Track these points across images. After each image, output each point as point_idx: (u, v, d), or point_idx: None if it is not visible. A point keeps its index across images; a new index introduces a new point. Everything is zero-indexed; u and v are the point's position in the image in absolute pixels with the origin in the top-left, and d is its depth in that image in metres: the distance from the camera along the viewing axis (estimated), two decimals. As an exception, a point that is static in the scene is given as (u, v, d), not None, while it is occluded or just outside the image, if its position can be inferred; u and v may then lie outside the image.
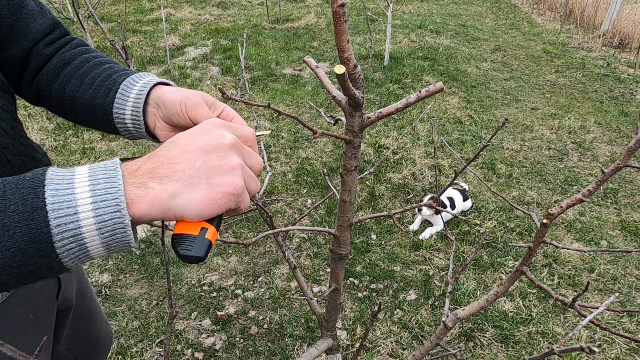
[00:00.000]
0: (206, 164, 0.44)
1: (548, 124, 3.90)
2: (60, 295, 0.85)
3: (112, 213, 0.40)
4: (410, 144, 3.47)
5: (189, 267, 2.34)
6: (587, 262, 2.42)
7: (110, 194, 0.40)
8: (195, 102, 0.59)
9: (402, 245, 2.51)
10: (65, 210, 0.39)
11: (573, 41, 6.16)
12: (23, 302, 0.73)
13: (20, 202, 0.38)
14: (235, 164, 0.46)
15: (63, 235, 0.38)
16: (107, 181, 0.41)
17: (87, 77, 0.67)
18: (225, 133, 0.48)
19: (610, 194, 3.00)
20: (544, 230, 0.85)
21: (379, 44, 5.59)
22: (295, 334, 1.98)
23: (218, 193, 0.44)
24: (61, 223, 0.38)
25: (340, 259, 0.86)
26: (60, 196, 0.39)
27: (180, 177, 0.43)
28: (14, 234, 0.37)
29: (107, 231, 0.40)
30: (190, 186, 0.44)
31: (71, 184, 0.40)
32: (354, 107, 0.70)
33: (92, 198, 0.40)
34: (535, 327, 2.04)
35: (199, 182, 0.44)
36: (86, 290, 1.02)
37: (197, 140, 0.46)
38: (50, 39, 0.71)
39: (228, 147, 0.47)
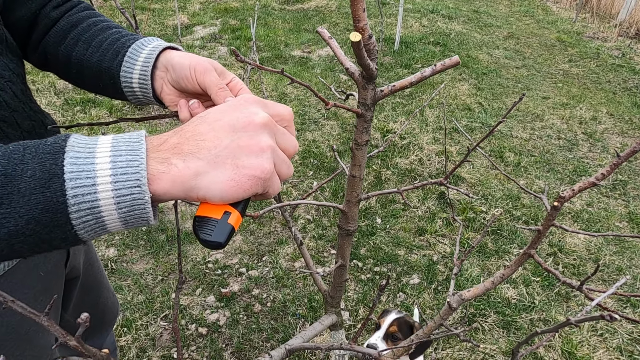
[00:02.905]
0: (233, 143, 0.41)
1: (559, 114, 3.84)
2: (69, 264, 0.86)
3: (132, 188, 0.38)
4: (418, 130, 3.44)
5: (195, 244, 2.35)
6: (593, 253, 2.41)
7: (131, 167, 0.38)
8: (204, 67, 0.59)
9: (406, 229, 2.51)
10: (83, 181, 0.37)
11: (588, 30, 6.03)
12: (33, 267, 0.73)
13: (38, 168, 0.36)
14: (265, 145, 0.42)
15: (79, 207, 0.37)
16: (130, 154, 0.39)
17: (94, 40, 0.66)
18: (258, 110, 0.44)
19: (619, 186, 2.97)
20: (554, 213, 0.84)
21: (389, 28, 5.50)
22: (298, 313, 2.00)
23: (244, 176, 0.41)
24: (78, 194, 0.37)
25: (347, 235, 0.86)
26: (79, 165, 0.37)
27: (205, 156, 0.41)
28: (29, 201, 0.36)
29: (125, 206, 0.38)
30: (215, 166, 0.41)
31: (92, 154, 0.38)
32: (367, 80, 0.69)
33: (112, 170, 0.38)
34: (538, 314, 2.04)
35: (225, 162, 0.41)
36: (93, 260, 1.03)
37: (227, 116, 0.43)
38: (58, 1, 0.70)
39: (259, 126, 0.43)
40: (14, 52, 0.67)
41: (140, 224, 0.41)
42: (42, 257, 0.76)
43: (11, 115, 0.65)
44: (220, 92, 0.58)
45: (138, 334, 1.88)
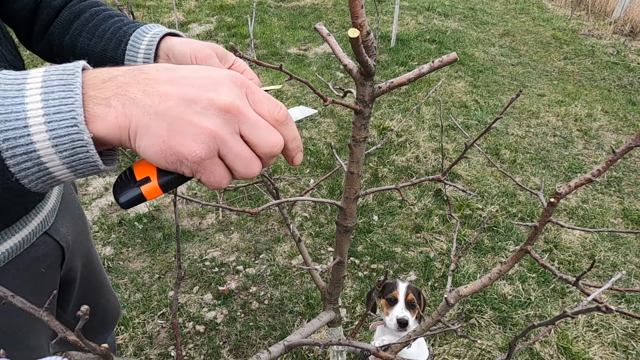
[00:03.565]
0: (179, 109, 0.37)
1: (554, 111, 3.86)
2: (65, 265, 0.84)
3: (68, 128, 0.35)
4: (414, 127, 3.45)
5: (192, 242, 2.35)
6: (588, 249, 2.43)
7: (65, 105, 0.35)
8: (206, 54, 0.58)
9: (403, 227, 2.52)
10: (13, 123, 0.34)
11: (583, 28, 6.06)
12: (24, 269, 0.72)
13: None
14: (209, 129, 0.37)
15: (14, 151, 0.34)
16: (63, 89, 0.35)
17: (97, 30, 0.66)
18: (229, 94, 0.38)
19: (613, 182, 2.99)
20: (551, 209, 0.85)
21: (385, 25, 5.50)
22: (295, 311, 2.00)
23: (170, 148, 0.37)
24: (10, 137, 0.34)
25: (345, 232, 0.86)
26: (7, 106, 0.34)
27: (146, 109, 0.37)
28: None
29: (65, 149, 0.35)
30: (149, 121, 0.37)
31: (21, 91, 0.35)
32: (365, 76, 0.69)
33: (45, 110, 0.34)
34: (534, 310, 2.06)
35: (160, 123, 0.37)
36: (94, 262, 1.02)
37: (192, 78, 0.38)
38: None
39: (217, 109, 0.37)
40: (11, 42, 0.67)
41: (89, 170, 0.38)
42: (35, 259, 0.74)
43: None
44: None
45: (135, 332, 1.88)
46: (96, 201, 2.58)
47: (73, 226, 0.86)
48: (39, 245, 0.74)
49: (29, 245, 0.72)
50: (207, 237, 2.39)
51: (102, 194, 2.64)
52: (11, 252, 0.69)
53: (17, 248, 0.70)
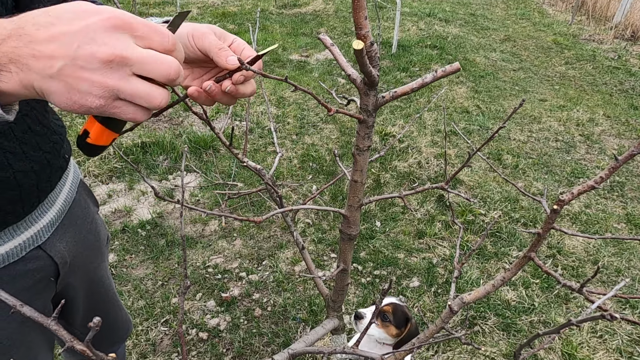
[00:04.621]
0: (67, 69, 0.39)
1: (556, 116, 3.87)
2: (60, 281, 0.83)
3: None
4: (416, 133, 3.46)
5: (195, 248, 2.35)
6: (591, 254, 2.42)
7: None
8: (202, 32, 0.58)
9: (406, 232, 2.52)
10: None
11: (584, 33, 6.08)
12: (9, 281, 0.71)
13: None
14: (98, 82, 0.39)
15: None
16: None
17: None
18: (108, 42, 0.39)
19: (616, 187, 2.99)
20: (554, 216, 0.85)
21: (387, 31, 5.53)
22: (298, 317, 2.00)
23: (75, 102, 0.40)
24: None
25: (349, 240, 0.86)
26: None
27: (39, 70, 0.39)
28: None
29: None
30: (48, 83, 0.39)
31: None
32: (369, 86, 0.70)
33: None
34: (538, 316, 2.05)
35: (57, 84, 0.39)
36: (103, 278, 1.01)
37: (70, 33, 0.39)
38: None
39: (99, 61, 0.39)
40: None
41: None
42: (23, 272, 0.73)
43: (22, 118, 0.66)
44: (221, 52, 0.57)
45: (138, 339, 1.88)
46: (99, 208, 2.59)
47: (77, 242, 0.86)
48: (30, 259, 0.74)
49: (18, 259, 0.72)
50: (210, 244, 2.39)
51: (106, 200, 2.65)
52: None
53: (2, 260, 0.69)
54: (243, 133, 3.37)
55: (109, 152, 2.96)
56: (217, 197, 2.66)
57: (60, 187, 0.81)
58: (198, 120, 3.49)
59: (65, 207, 0.83)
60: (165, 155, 3.05)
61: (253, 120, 3.52)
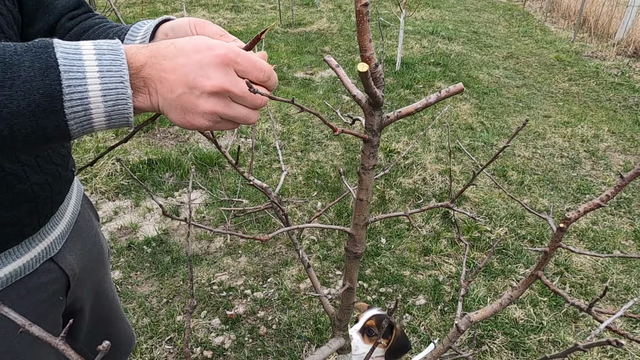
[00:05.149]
0: (184, 97, 0.48)
1: (560, 132, 3.87)
2: (70, 293, 0.83)
3: (117, 83, 0.43)
4: (421, 149, 3.47)
5: (200, 265, 2.35)
6: (600, 272, 2.40)
7: (115, 66, 0.43)
8: (204, 21, 0.62)
9: (411, 249, 2.51)
10: (75, 74, 0.41)
11: (587, 49, 6.12)
12: (25, 295, 0.71)
13: (35, 59, 0.40)
14: (207, 109, 0.49)
15: (72, 96, 0.41)
16: (112, 53, 0.43)
17: (101, 35, 0.70)
18: (217, 77, 0.49)
19: (623, 204, 2.97)
20: (561, 235, 0.85)
21: (390, 49, 5.60)
22: (303, 336, 1.98)
23: (188, 122, 0.50)
24: (72, 84, 0.41)
25: (355, 258, 0.86)
26: (70, 59, 0.41)
27: (165, 96, 0.48)
28: (30, 87, 0.40)
29: (111, 99, 0.44)
30: (169, 107, 0.49)
31: (78, 51, 0.43)
32: (373, 106, 0.71)
33: (99, 67, 0.42)
34: (546, 335, 2.02)
35: (176, 107, 0.49)
36: (107, 292, 1.01)
37: (188, 67, 0.48)
38: (73, 14, 0.74)
39: (208, 93, 0.49)
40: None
41: (121, 122, 0.47)
42: (37, 285, 0.74)
43: None
44: (223, 38, 0.61)
45: (143, 357, 1.86)
46: (106, 225, 2.60)
47: (84, 254, 0.86)
48: (43, 272, 0.74)
49: (32, 272, 0.72)
50: (215, 261, 2.39)
51: (112, 217, 2.66)
52: (10, 277, 0.69)
53: (18, 273, 0.70)
54: (248, 150, 3.39)
55: (116, 169, 2.99)
56: (222, 213, 2.67)
57: (68, 199, 0.82)
58: (204, 137, 3.52)
59: (73, 219, 0.84)
60: (172, 172, 3.08)
61: (258, 137, 3.55)
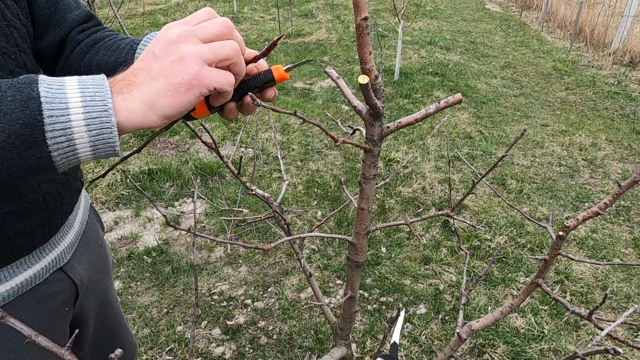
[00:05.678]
0: (159, 63, 0.47)
1: (558, 141, 3.89)
2: (78, 303, 0.84)
3: (100, 112, 0.43)
4: (420, 158, 3.48)
5: (200, 275, 2.35)
6: (600, 280, 2.40)
7: (98, 96, 0.44)
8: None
9: (412, 258, 2.51)
10: (57, 105, 0.42)
11: (583, 59, 6.18)
12: (34, 305, 0.72)
13: (17, 93, 0.41)
14: (183, 52, 0.47)
15: (54, 126, 0.42)
16: (96, 85, 0.44)
17: (113, 46, 0.71)
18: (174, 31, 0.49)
19: (622, 212, 2.98)
20: (560, 243, 0.86)
21: (389, 59, 5.65)
22: (304, 346, 1.98)
23: (176, 84, 0.47)
24: (53, 115, 0.41)
25: (357, 267, 0.87)
26: (52, 92, 0.42)
27: (143, 78, 0.47)
28: (10, 118, 0.40)
29: (94, 129, 0.43)
30: (150, 82, 0.47)
31: (62, 85, 0.44)
32: (374, 117, 0.72)
33: (82, 97, 0.43)
34: (548, 344, 2.01)
35: (157, 78, 0.47)
36: (112, 302, 1.01)
37: (151, 48, 0.49)
38: (84, 27, 0.75)
39: (173, 41, 0.48)
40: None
41: (107, 151, 0.46)
42: (47, 295, 0.74)
43: None
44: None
45: (143, 368, 1.85)
46: (106, 235, 2.60)
47: (91, 264, 0.87)
48: (52, 281, 0.75)
49: (42, 281, 0.72)
50: (216, 271, 2.39)
51: (112, 227, 2.66)
52: (21, 287, 0.69)
53: (28, 283, 0.70)
54: (248, 160, 3.41)
55: (116, 179, 3.00)
56: (222, 223, 2.67)
57: (76, 209, 0.83)
58: (204, 147, 3.54)
59: (81, 229, 0.85)
60: (172, 182, 3.09)
61: (258, 146, 3.57)
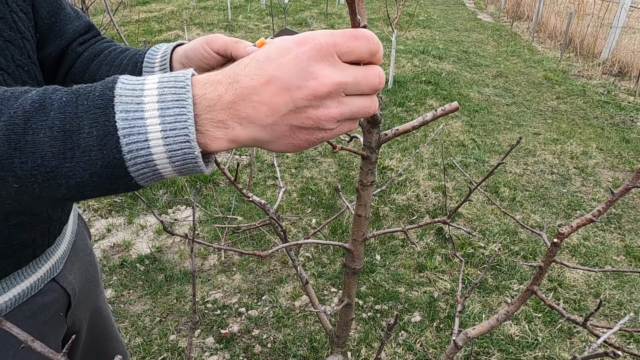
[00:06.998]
0: (292, 116, 0.39)
1: (550, 149, 3.94)
2: (70, 314, 0.83)
3: (182, 143, 0.38)
4: (414, 166, 3.50)
5: (193, 284, 2.33)
6: (593, 287, 2.41)
7: (179, 122, 0.38)
8: (214, 36, 0.61)
9: (406, 266, 2.51)
10: (136, 137, 0.38)
11: (573, 69, 6.28)
12: (30, 316, 0.71)
13: (94, 125, 0.37)
14: (323, 117, 0.39)
15: (135, 161, 0.38)
16: (177, 105, 0.38)
17: (116, 61, 0.71)
18: (323, 78, 0.38)
19: (613, 219, 3.01)
20: (555, 250, 0.87)
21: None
22: (299, 354, 1.96)
23: (303, 142, 0.40)
24: (133, 149, 0.38)
25: (353, 274, 0.87)
26: (130, 120, 0.38)
27: (263, 123, 0.39)
28: (89, 158, 0.37)
29: (177, 160, 0.39)
30: (272, 135, 0.39)
31: (140, 105, 0.38)
32: (372, 124, 0.73)
33: (162, 125, 0.38)
34: (542, 351, 2.02)
35: (283, 132, 0.39)
36: (102, 310, 1.00)
37: (285, 73, 0.38)
38: (84, 38, 0.75)
39: (321, 96, 0.38)
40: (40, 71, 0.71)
41: (194, 172, 0.41)
42: (41, 305, 0.74)
43: None
44: (238, 44, 0.59)
45: (135, 378, 1.83)
46: (98, 242, 2.58)
47: (81, 273, 0.86)
48: (46, 292, 0.74)
49: (36, 292, 0.72)
50: (209, 279, 2.37)
51: (105, 235, 2.64)
52: (19, 298, 0.69)
53: (25, 294, 0.70)
54: (243, 167, 3.40)
55: (109, 187, 2.97)
56: (216, 230, 2.66)
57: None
58: (198, 154, 3.53)
59: (72, 239, 0.84)
60: (165, 189, 3.07)
61: (252, 154, 3.57)
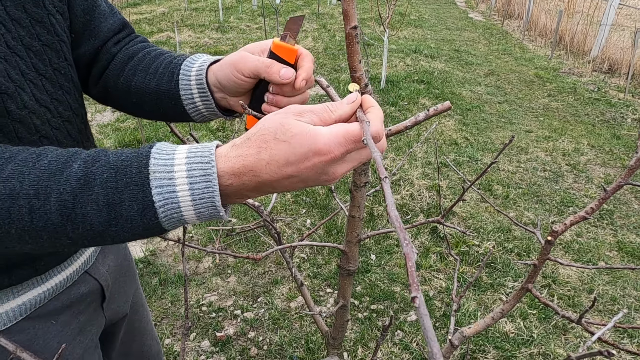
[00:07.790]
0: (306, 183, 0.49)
1: (542, 146, 3.96)
2: (106, 307, 0.84)
3: (209, 207, 0.47)
4: (408, 165, 3.51)
5: (188, 286, 2.31)
6: (586, 283, 2.43)
7: (206, 194, 0.46)
8: (242, 56, 0.62)
9: (401, 265, 2.51)
10: (170, 206, 0.46)
11: (564, 66, 6.32)
12: (68, 305, 0.74)
13: (134, 199, 0.45)
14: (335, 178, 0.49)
15: (169, 221, 0.47)
16: (204, 180, 0.46)
17: (151, 67, 0.69)
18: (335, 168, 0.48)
19: (606, 216, 3.03)
20: (549, 247, 0.87)
21: (375, 67, 5.70)
22: (295, 356, 1.96)
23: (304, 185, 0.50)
24: (168, 215, 0.46)
25: (348, 275, 0.87)
26: (164, 194, 0.45)
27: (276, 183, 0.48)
28: (132, 225, 0.46)
29: (204, 217, 0.48)
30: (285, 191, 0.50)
31: (172, 181, 0.46)
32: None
33: (192, 197, 0.46)
34: (537, 348, 2.03)
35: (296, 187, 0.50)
36: (138, 305, 1.00)
37: (303, 175, 0.47)
38: (118, 37, 0.74)
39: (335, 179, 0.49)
40: (79, 91, 0.70)
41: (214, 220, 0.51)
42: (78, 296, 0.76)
43: None
44: (270, 69, 0.61)
45: (130, 383, 1.81)
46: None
47: (115, 266, 0.87)
48: (80, 283, 0.76)
49: (71, 284, 0.75)
50: (204, 281, 2.36)
51: (97, 239, 2.61)
52: (56, 288, 0.71)
53: (62, 285, 0.72)
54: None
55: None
56: (210, 233, 2.64)
57: None
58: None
59: None
60: (158, 192, 3.05)
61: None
